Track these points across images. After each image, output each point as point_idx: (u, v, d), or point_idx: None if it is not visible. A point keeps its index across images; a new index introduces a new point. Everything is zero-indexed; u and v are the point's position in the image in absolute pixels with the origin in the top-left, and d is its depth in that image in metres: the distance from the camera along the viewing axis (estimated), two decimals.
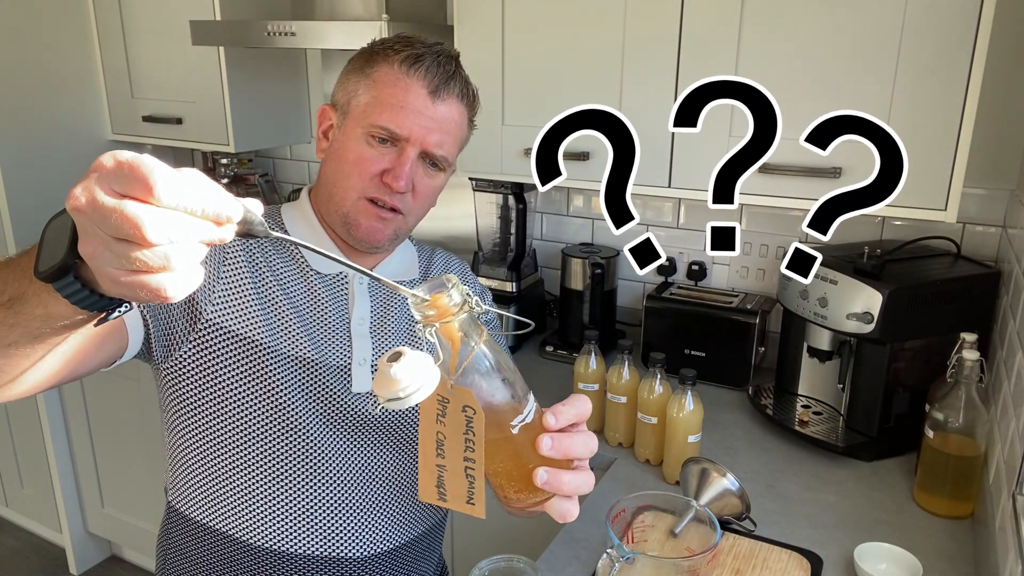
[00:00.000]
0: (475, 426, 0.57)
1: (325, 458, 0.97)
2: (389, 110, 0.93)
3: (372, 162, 0.94)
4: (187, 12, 1.97)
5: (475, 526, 1.69)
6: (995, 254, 1.58)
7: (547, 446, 0.61)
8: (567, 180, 1.64)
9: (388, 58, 0.95)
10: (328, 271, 1.01)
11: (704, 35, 1.41)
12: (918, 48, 1.25)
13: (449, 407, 0.57)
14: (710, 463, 1.17)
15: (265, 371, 0.94)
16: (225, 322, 0.93)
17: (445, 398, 0.57)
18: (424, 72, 0.93)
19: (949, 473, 1.25)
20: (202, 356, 0.93)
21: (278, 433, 0.95)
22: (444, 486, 0.60)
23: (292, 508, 0.97)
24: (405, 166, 0.94)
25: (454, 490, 0.59)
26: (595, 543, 1.19)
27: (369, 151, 0.94)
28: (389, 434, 1.01)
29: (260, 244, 0.98)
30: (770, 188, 1.42)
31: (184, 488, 1.00)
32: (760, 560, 1.12)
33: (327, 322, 0.99)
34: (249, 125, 2.13)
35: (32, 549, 2.65)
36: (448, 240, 2.20)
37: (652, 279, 1.96)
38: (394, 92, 0.93)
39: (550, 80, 1.58)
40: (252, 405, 0.94)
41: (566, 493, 0.63)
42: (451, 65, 0.96)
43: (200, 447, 0.97)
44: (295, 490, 0.96)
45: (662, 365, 1.39)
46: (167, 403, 0.99)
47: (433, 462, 0.60)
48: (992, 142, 1.50)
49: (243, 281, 0.95)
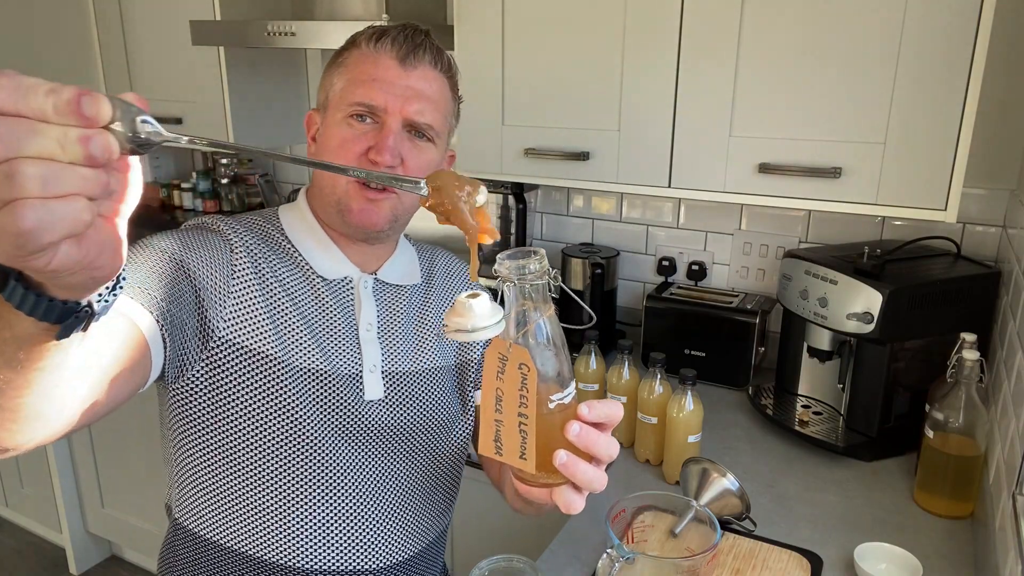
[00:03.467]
0: (529, 383, 0.61)
1: (339, 471, 0.95)
2: (362, 86, 0.91)
3: (354, 141, 0.92)
4: (187, 12, 1.97)
5: (475, 526, 1.69)
6: (995, 254, 1.58)
7: (574, 431, 0.63)
8: (567, 180, 1.65)
9: (356, 42, 0.95)
10: (333, 276, 0.98)
11: (704, 36, 1.41)
12: (918, 48, 1.25)
13: (507, 364, 0.61)
14: (710, 463, 1.17)
15: (278, 386, 0.90)
16: (237, 338, 0.89)
17: (504, 355, 0.62)
18: (391, 43, 0.93)
19: (949, 473, 1.25)
20: (215, 375, 0.89)
21: (293, 448, 0.92)
22: (501, 440, 0.64)
23: (309, 523, 0.94)
24: (388, 138, 0.91)
25: (509, 445, 0.63)
26: (595, 543, 1.19)
27: (350, 131, 0.92)
28: (400, 442, 0.99)
29: (265, 254, 0.94)
30: (770, 188, 1.42)
31: (195, 507, 0.97)
32: (760, 560, 1.12)
33: (336, 330, 0.96)
34: (249, 125, 2.13)
35: (32, 549, 2.65)
36: (448, 240, 2.19)
37: (652, 279, 1.96)
38: (364, 68, 0.92)
39: (550, 80, 1.58)
40: (266, 422, 0.91)
41: (579, 482, 0.64)
42: (419, 35, 0.95)
43: (214, 467, 0.93)
44: (311, 505, 0.94)
45: (662, 365, 1.39)
46: (175, 424, 0.94)
47: (492, 417, 0.64)
48: (992, 142, 1.51)
49: (252, 293, 0.91)
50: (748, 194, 1.44)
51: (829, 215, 1.72)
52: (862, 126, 1.32)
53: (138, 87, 2.23)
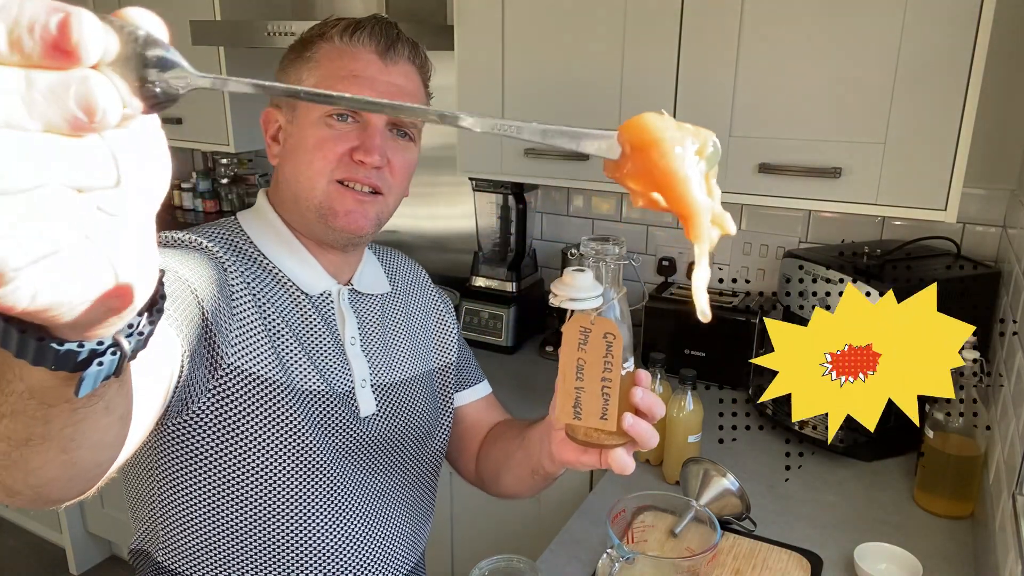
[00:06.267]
0: (614, 350, 0.68)
1: (345, 492, 0.91)
2: (342, 83, 0.85)
3: (336, 141, 0.85)
4: (187, 12, 1.97)
5: (475, 526, 1.69)
6: (995, 254, 1.58)
7: (639, 395, 0.71)
8: (567, 180, 1.65)
9: (325, 35, 0.88)
10: (313, 291, 0.92)
11: (704, 35, 1.41)
12: (918, 48, 1.25)
13: (591, 335, 0.68)
14: (710, 463, 1.17)
15: (284, 412, 0.84)
16: (243, 364, 0.82)
17: (587, 328, 0.68)
18: (368, 37, 0.87)
19: (949, 473, 1.25)
20: (221, 405, 0.82)
21: (301, 475, 0.87)
22: (580, 406, 0.70)
23: (318, 550, 0.90)
24: (375, 137, 0.86)
25: (589, 409, 0.70)
26: (595, 543, 1.19)
27: (330, 132, 0.86)
28: (393, 454, 0.97)
29: (251, 272, 0.86)
30: (770, 188, 1.42)
31: (190, 548, 0.88)
32: (760, 560, 1.12)
33: (325, 347, 0.91)
34: (249, 125, 2.13)
35: (32, 549, 2.65)
36: (448, 240, 2.20)
37: (652, 279, 1.96)
38: (342, 63, 0.86)
39: (550, 80, 1.58)
40: (275, 450, 0.84)
41: (641, 440, 0.71)
42: (393, 29, 0.89)
43: (217, 503, 0.85)
44: (320, 531, 0.89)
45: (662, 365, 1.39)
46: (169, 463, 0.84)
47: (572, 386, 0.70)
48: (992, 142, 1.50)
49: (251, 316, 0.84)
50: (748, 194, 1.44)
51: (829, 215, 1.72)
52: (862, 126, 1.32)
53: None
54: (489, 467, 1.05)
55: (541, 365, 1.87)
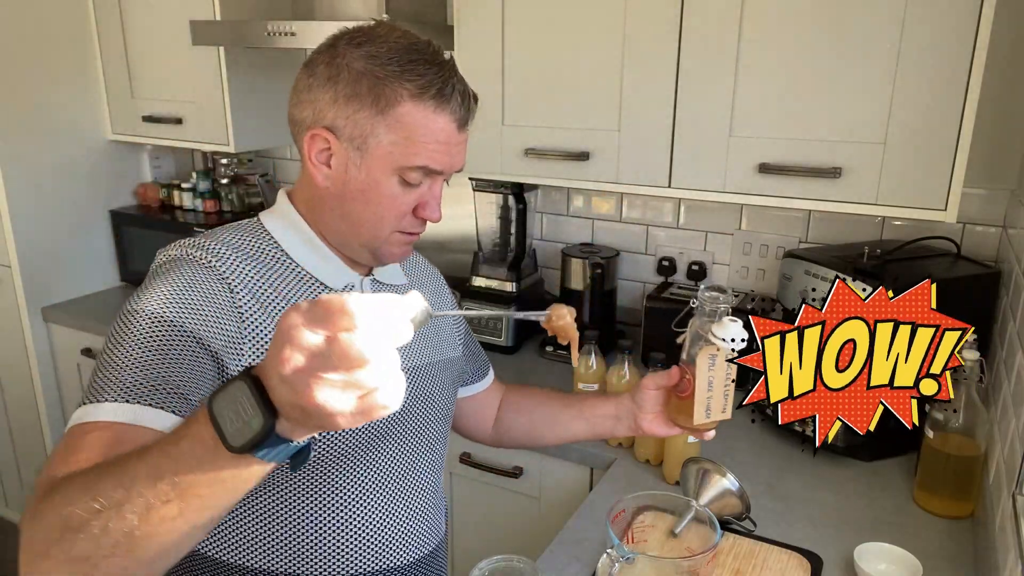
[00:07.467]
0: (732, 369, 0.97)
1: (375, 470, 0.94)
2: (425, 151, 0.87)
3: (407, 201, 0.91)
4: (187, 12, 1.97)
5: (475, 526, 1.69)
6: (995, 254, 1.58)
7: None
8: (567, 180, 1.65)
9: (408, 92, 0.85)
10: (336, 283, 0.95)
11: (704, 35, 1.41)
12: (918, 48, 1.25)
13: (717, 359, 0.96)
14: (710, 463, 1.17)
15: None
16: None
17: (715, 355, 0.95)
18: (455, 107, 0.88)
19: (949, 473, 1.25)
20: None
21: (332, 462, 0.90)
22: (710, 408, 0.97)
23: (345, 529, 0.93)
24: (440, 198, 0.93)
25: (716, 407, 0.98)
26: (595, 543, 1.19)
27: (402, 190, 0.90)
28: (421, 437, 1.01)
29: (265, 276, 0.91)
30: (770, 188, 1.42)
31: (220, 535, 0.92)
32: (760, 560, 1.12)
33: None
34: (249, 125, 2.12)
35: None
36: (448, 240, 2.20)
37: (652, 279, 1.96)
38: (427, 132, 0.87)
39: (550, 80, 1.59)
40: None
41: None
42: (464, 85, 0.90)
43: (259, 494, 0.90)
44: (347, 510, 0.93)
45: (662, 365, 1.39)
46: None
47: (706, 396, 0.96)
48: (992, 142, 1.50)
49: (265, 328, 0.87)
50: (748, 194, 1.45)
51: (829, 215, 1.72)
52: (862, 126, 1.32)
53: (138, 87, 2.23)
54: (520, 428, 1.21)
55: (541, 365, 1.87)
